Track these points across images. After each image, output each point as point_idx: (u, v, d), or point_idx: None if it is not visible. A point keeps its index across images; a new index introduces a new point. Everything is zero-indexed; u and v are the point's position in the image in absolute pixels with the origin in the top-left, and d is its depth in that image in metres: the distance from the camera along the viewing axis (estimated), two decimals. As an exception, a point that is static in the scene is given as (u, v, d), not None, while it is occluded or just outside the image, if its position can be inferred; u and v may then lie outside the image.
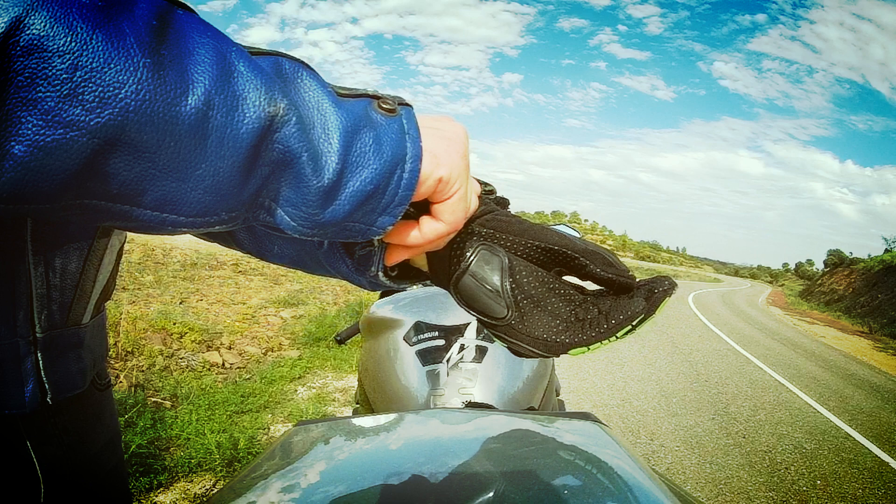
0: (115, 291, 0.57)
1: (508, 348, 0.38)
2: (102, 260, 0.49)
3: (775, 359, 7.30)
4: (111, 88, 0.21)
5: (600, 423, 0.54)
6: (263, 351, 4.04)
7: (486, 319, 0.37)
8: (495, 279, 0.36)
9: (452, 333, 0.87)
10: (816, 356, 8.30)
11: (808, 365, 7.24)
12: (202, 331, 3.92)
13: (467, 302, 0.37)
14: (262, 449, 2.42)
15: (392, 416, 0.54)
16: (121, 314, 3.56)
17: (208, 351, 3.71)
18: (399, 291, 0.43)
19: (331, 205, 0.29)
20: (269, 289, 6.18)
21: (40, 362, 0.44)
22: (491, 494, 0.36)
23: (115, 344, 3.16)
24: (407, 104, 0.33)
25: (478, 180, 0.41)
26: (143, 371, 3.07)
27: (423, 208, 0.34)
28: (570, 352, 0.35)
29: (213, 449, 2.28)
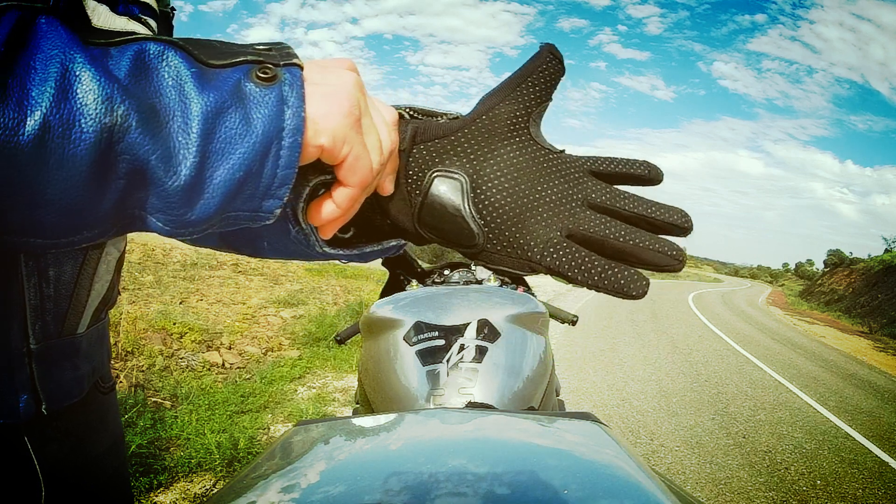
0: (115, 291, 0.57)
1: (493, 272, 0.36)
2: (98, 269, 0.49)
3: (775, 359, 7.30)
4: None
5: (600, 423, 0.54)
6: (263, 351, 4.04)
7: (460, 249, 0.35)
8: (456, 202, 0.33)
9: (452, 333, 0.87)
10: (816, 356, 8.29)
11: (808, 365, 7.24)
12: (202, 331, 3.92)
13: (436, 233, 0.35)
14: (262, 449, 2.42)
15: (392, 416, 0.54)
16: (121, 314, 3.55)
17: (208, 351, 3.71)
18: (375, 253, 0.40)
19: (197, 202, 0.26)
20: (269, 289, 6.18)
21: (35, 373, 0.43)
22: (491, 495, 0.36)
23: (116, 344, 3.16)
24: (294, 63, 0.29)
25: (431, 112, 0.37)
26: (143, 371, 3.07)
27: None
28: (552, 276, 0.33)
29: (213, 449, 2.28)
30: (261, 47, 0.29)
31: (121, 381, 2.80)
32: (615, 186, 0.35)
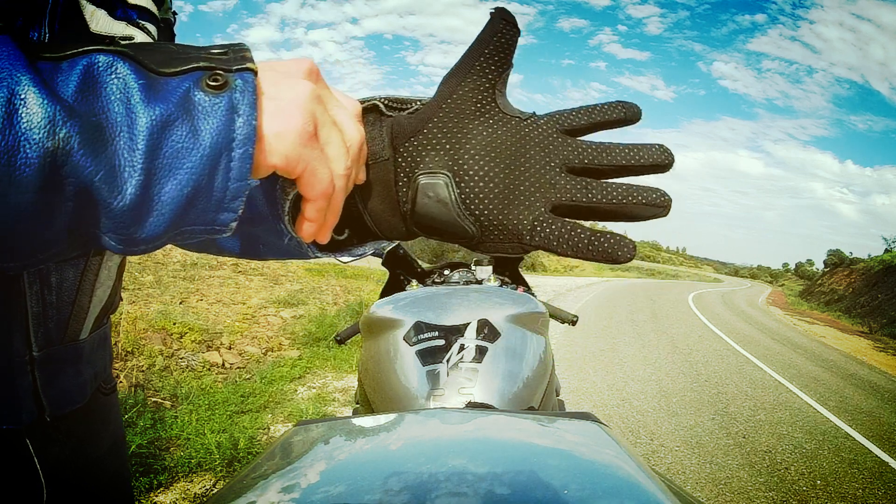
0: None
1: (492, 256, 0.36)
2: (99, 275, 0.48)
3: (775, 359, 7.30)
4: None
5: (600, 423, 0.54)
6: (263, 351, 4.04)
7: (457, 242, 0.35)
8: (445, 203, 0.33)
9: (452, 333, 0.87)
10: (816, 356, 8.29)
11: (808, 365, 7.24)
12: (202, 331, 3.92)
13: (431, 234, 0.36)
14: (262, 449, 2.42)
15: (392, 416, 0.54)
16: (121, 314, 3.55)
17: (208, 351, 3.71)
18: (370, 251, 0.41)
19: (146, 220, 0.25)
20: (269, 289, 6.18)
21: (37, 380, 0.43)
22: (491, 494, 0.36)
23: (116, 344, 3.16)
24: (247, 68, 0.27)
25: (405, 100, 0.36)
26: (143, 371, 3.07)
27: None
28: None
29: (213, 449, 2.28)
30: (215, 51, 0.28)
31: (121, 382, 2.80)
32: (591, 141, 0.34)
